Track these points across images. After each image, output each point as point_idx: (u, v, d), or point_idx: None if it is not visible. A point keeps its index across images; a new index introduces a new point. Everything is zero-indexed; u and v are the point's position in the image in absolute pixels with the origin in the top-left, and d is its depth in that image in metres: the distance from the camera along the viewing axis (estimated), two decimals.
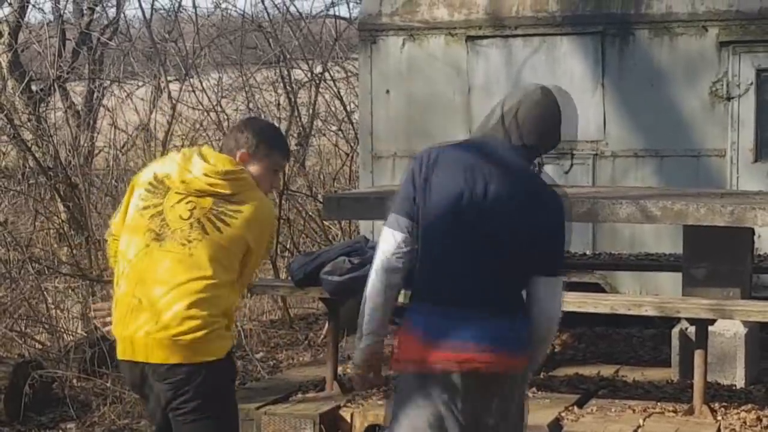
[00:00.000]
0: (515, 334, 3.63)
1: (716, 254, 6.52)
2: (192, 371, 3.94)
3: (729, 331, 6.62)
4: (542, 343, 3.76)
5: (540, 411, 5.97)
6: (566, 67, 8.56)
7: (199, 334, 3.92)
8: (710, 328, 6.10)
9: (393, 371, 3.74)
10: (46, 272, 9.06)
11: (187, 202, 4.05)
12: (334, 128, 13.61)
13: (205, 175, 4.06)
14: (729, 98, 8.23)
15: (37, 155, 10.17)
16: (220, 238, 4.01)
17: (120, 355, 4.05)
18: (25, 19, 13.41)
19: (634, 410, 6.06)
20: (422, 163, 3.66)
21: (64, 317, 8.88)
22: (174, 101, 11.11)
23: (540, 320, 3.67)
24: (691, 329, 6.26)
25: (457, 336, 3.59)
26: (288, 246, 11.05)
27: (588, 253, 8.47)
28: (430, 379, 3.59)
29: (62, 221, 10.22)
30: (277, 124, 12.19)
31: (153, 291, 3.96)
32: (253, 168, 4.20)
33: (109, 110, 12.56)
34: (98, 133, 12.49)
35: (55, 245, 10.14)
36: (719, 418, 5.93)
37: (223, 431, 4.12)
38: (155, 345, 3.92)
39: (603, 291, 8.13)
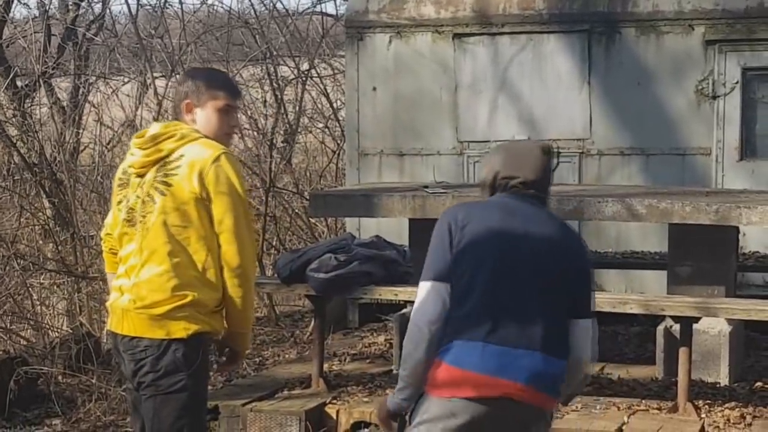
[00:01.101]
0: (560, 374, 3.65)
1: (701, 252, 6.55)
2: (149, 346, 4.08)
3: (713, 329, 6.65)
4: (576, 383, 3.79)
5: None
6: (553, 65, 8.58)
7: (158, 310, 4.07)
8: (695, 325, 6.12)
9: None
10: (32, 268, 9.03)
11: (139, 184, 4.17)
12: (320, 125, 13.59)
13: (139, 148, 4.17)
14: (715, 97, 8.25)
15: (22, 151, 10.14)
16: (167, 201, 4.08)
17: (108, 324, 4.33)
18: (10, 14, 13.35)
19: (618, 407, 6.08)
20: (455, 221, 3.67)
21: (50, 313, 8.86)
22: (160, 97, 11.08)
23: (576, 361, 3.69)
24: (676, 327, 6.29)
25: (513, 369, 3.58)
26: (274, 243, 11.04)
27: None
28: (472, 406, 3.55)
29: (47, 217, 10.19)
30: (263, 121, 12.25)
31: (129, 271, 4.15)
32: (201, 115, 4.22)
33: (94, 106, 12.53)
34: (84, 130, 12.44)
35: (41, 241, 10.11)
36: (703, 415, 5.95)
37: (182, 413, 4.13)
38: (123, 317, 4.13)
39: None
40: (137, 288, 4.10)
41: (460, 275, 3.59)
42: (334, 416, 6.17)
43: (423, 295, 3.63)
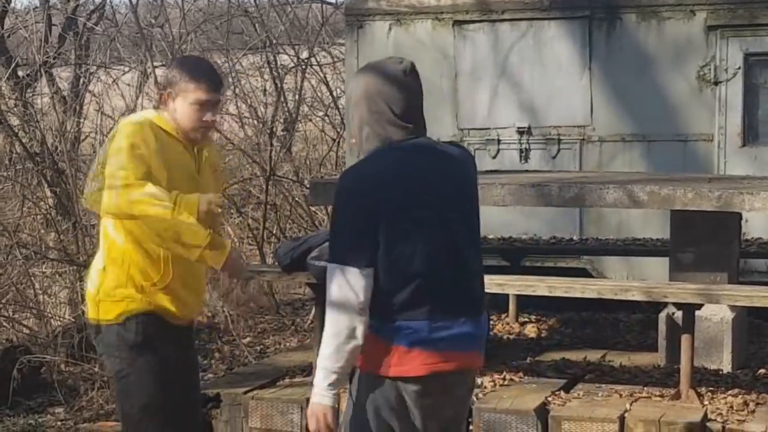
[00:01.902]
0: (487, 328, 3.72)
1: (703, 239, 6.54)
2: (92, 327, 4.30)
3: (716, 315, 6.64)
4: None
5: (527, 396, 5.99)
6: (553, 52, 8.56)
7: (90, 291, 4.27)
8: (697, 312, 6.11)
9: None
10: (34, 257, 9.04)
11: None
12: (320, 114, 13.57)
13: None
14: (716, 83, 8.23)
15: (23, 141, 10.13)
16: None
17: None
18: (11, 4, 13.33)
19: (620, 395, 6.07)
20: (366, 197, 3.49)
21: (52, 302, 8.87)
22: (160, 87, 11.06)
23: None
24: (678, 314, 6.27)
25: (461, 340, 3.58)
26: (274, 231, 11.04)
27: (575, 238, 8.48)
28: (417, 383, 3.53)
29: (49, 207, 10.18)
30: (263, 110, 12.23)
31: None
32: (175, 107, 4.21)
33: (95, 96, 12.52)
34: (85, 119, 12.43)
35: (43, 231, 10.11)
36: (706, 402, 5.95)
37: (121, 394, 4.28)
38: None
39: (590, 276, 8.15)
40: None
41: (391, 253, 3.47)
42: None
43: (350, 282, 3.46)
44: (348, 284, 3.47)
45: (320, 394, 3.54)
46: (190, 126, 4.20)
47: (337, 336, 3.49)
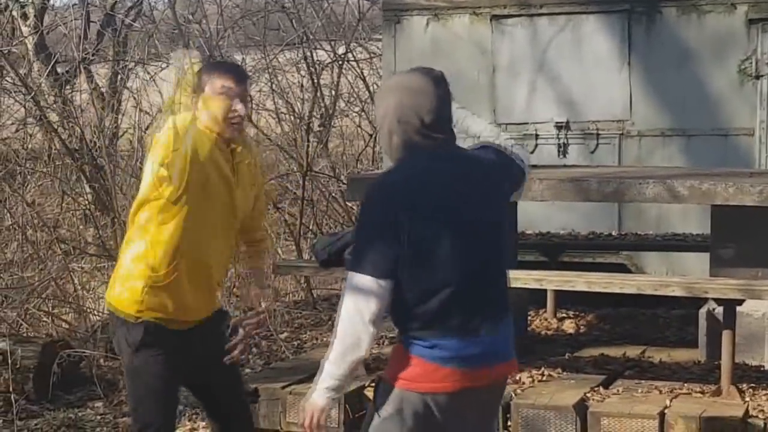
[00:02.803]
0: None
1: (744, 234, 6.47)
2: (109, 306, 4.40)
3: (757, 311, 6.59)
4: None
5: (565, 392, 5.96)
6: (592, 46, 8.51)
7: (113, 289, 4.35)
8: (738, 308, 6.06)
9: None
10: (73, 253, 9.10)
11: None
12: (357, 109, 13.58)
13: None
14: (758, 76, 8.16)
15: (63, 137, 10.20)
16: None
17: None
18: (51, 1, 13.44)
19: (660, 391, 6.03)
20: (397, 209, 3.46)
21: (91, 297, 8.92)
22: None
23: None
24: (719, 310, 6.23)
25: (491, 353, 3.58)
26: (311, 227, 11.05)
27: (614, 233, 8.43)
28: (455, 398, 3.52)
29: (88, 202, 10.25)
30: (300, 106, 12.24)
31: None
32: (204, 102, 4.19)
33: (133, 92, 12.58)
34: (123, 115, 12.51)
35: (82, 226, 10.18)
36: (747, 399, 5.90)
37: (131, 398, 4.42)
38: None
39: (629, 271, 8.10)
40: None
41: (417, 264, 3.44)
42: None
43: (364, 291, 3.46)
44: (362, 293, 3.45)
45: (318, 392, 3.57)
46: (221, 116, 4.17)
47: (342, 343, 3.49)
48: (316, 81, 12.06)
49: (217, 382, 4.48)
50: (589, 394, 5.94)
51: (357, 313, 3.46)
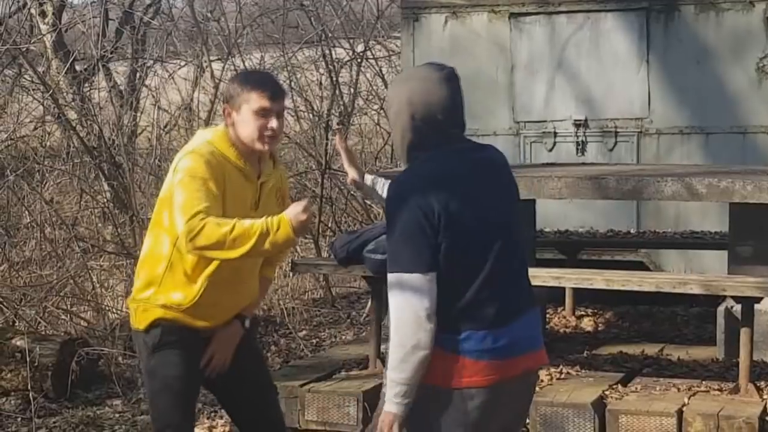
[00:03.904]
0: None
1: (763, 232, 6.45)
2: (132, 334, 4.44)
3: None
4: None
5: (584, 389, 5.95)
6: (611, 44, 8.50)
7: (131, 303, 4.33)
8: (756, 306, 6.04)
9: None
10: (91, 251, 9.13)
11: None
12: (375, 107, 13.59)
13: None
14: None
15: (81, 135, 10.24)
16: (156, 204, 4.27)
17: None
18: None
19: (678, 389, 6.02)
20: (432, 205, 3.42)
21: (110, 295, 8.95)
22: (217, 80, 11.14)
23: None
24: (737, 307, 6.21)
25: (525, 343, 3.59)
26: (330, 225, 11.07)
27: (632, 231, 8.42)
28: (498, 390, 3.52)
29: (107, 200, 10.29)
30: (318, 104, 12.27)
31: None
32: (237, 119, 4.13)
33: (151, 90, 12.63)
34: (141, 113, 12.55)
35: (100, 224, 10.22)
36: (765, 396, 5.88)
37: (149, 399, 4.45)
38: None
39: (647, 269, 8.08)
40: None
41: (446, 260, 3.42)
42: None
43: (413, 289, 3.39)
44: (412, 291, 3.40)
45: (388, 402, 3.50)
46: (256, 135, 4.11)
47: (402, 347, 3.42)
48: (334, 79, 12.08)
49: (243, 387, 4.45)
50: (607, 392, 5.94)
51: (412, 313, 3.39)
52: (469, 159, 3.59)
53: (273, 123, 4.12)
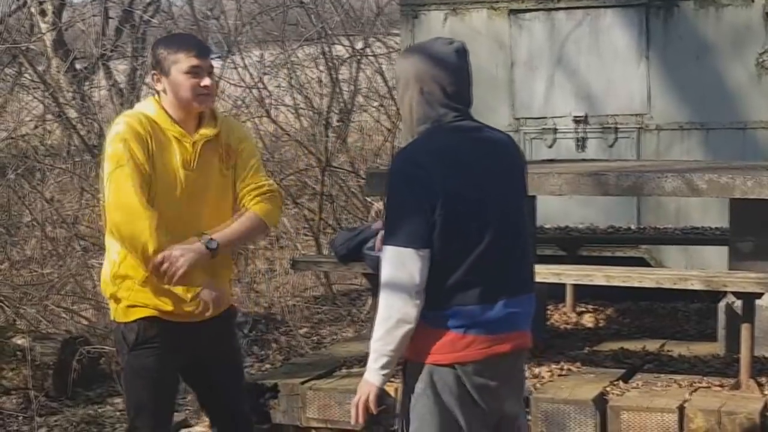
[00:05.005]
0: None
1: (763, 227, 6.45)
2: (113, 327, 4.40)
3: None
4: None
5: (585, 386, 5.96)
6: (610, 40, 8.49)
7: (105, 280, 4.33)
8: (757, 301, 6.04)
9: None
10: (92, 249, 9.13)
11: None
12: (375, 104, 13.59)
13: None
14: None
15: (81, 133, 10.24)
16: None
17: None
18: None
19: (680, 384, 6.02)
20: (429, 180, 3.44)
21: None
22: (216, 78, 11.12)
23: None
24: (738, 303, 6.21)
25: (516, 321, 3.60)
26: (330, 222, 11.07)
27: (633, 227, 8.42)
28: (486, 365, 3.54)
29: None
30: (318, 101, 12.27)
31: None
32: (168, 83, 4.13)
33: (151, 88, 12.61)
34: None
35: (101, 222, 10.20)
36: (766, 392, 5.88)
37: (124, 383, 4.39)
38: None
39: (648, 265, 8.08)
40: None
41: (442, 236, 3.43)
42: (393, 394, 6.16)
43: (406, 263, 3.41)
44: (403, 266, 3.41)
45: (370, 372, 3.56)
46: (190, 95, 4.12)
47: (389, 319, 3.46)
48: (334, 76, 12.07)
49: (221, 383, 4.45)
50: (608, 388, 5.94)
51: (400, 286, 3.42)
52: (472, 138, 3.59)
53: (206, 80, 4.14)
